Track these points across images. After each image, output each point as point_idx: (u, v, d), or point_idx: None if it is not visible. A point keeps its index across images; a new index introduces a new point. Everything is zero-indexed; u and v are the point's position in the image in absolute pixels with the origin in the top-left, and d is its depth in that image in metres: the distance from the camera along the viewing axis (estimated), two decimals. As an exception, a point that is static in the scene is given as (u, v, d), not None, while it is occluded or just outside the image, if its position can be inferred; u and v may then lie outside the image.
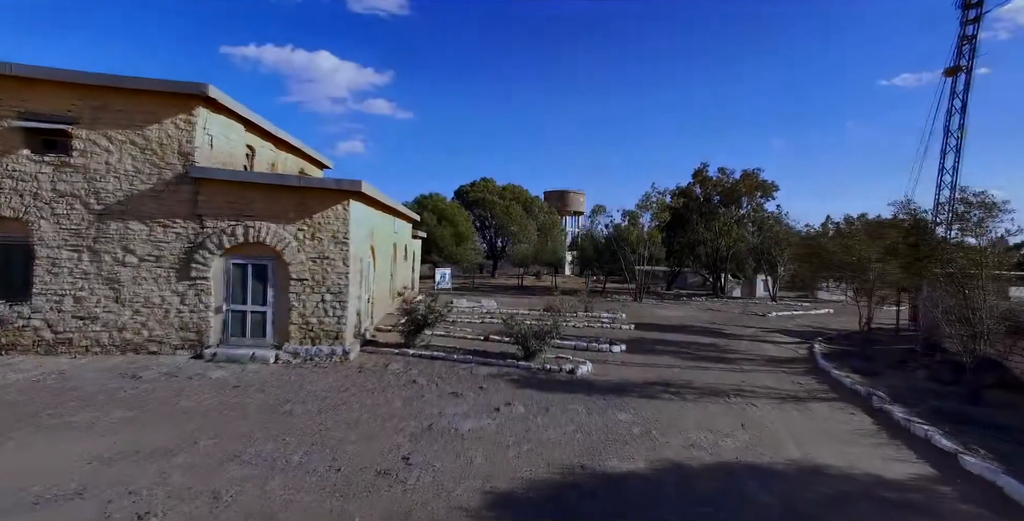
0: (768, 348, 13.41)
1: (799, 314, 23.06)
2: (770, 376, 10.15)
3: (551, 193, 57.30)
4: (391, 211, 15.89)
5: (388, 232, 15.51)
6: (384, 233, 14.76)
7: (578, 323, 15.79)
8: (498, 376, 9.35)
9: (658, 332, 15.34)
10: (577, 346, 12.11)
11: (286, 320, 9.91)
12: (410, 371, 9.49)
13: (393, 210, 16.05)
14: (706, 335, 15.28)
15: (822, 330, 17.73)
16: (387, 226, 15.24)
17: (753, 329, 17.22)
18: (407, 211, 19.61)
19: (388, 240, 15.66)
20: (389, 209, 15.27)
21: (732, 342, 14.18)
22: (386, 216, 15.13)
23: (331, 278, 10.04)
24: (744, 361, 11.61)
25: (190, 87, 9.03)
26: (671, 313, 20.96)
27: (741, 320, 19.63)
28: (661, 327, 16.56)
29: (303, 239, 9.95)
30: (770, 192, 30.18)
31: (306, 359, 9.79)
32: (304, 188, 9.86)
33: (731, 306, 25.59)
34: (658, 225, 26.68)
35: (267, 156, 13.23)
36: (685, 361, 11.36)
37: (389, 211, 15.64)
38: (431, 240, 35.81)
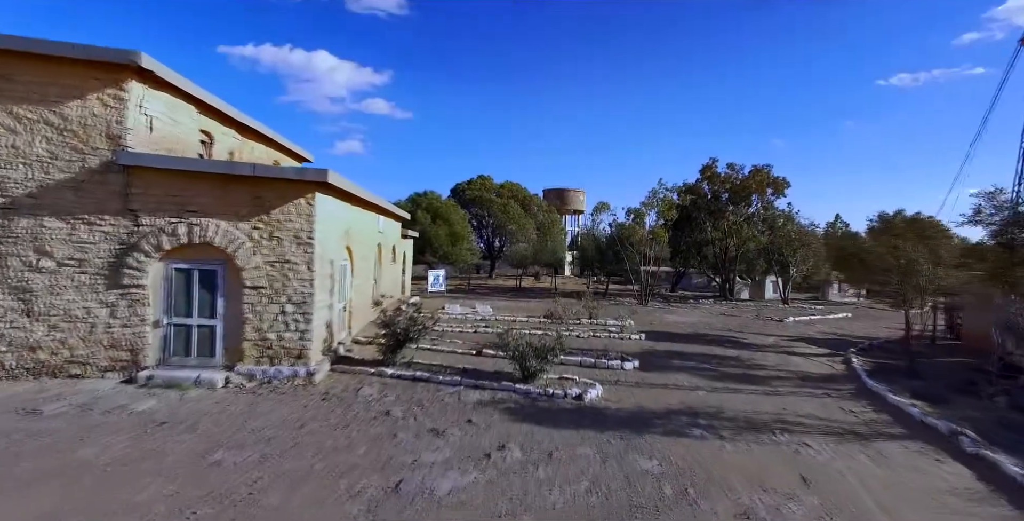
0: (798, 362, 11.85)
1: (817, 319, 21.53)
2: (813, 401, 8.59)
3: (550, 191, 55.74)
4: (374, 208, 14.31)
5: (370, 231, 13.93)
6: (365, 232, 13.18)
7: (582, 332, 14.22)
8: (491, 404, 7.79)
9: (671, 342, 13.78)
10: (583, 362, 10.55)
11: (239, 336, 8.34)
12: (385, 398, 7.92)
13: (377, 207, 14.47)
14: (724, 345, 13.73)
15: (848, 338, 16.20)
16: (369, 224, 13.67)
17: (774, 337, 15.67)
18: (395, 209, 18.03)
19: (370, 240, 14.08)
20: (372, 206, 13.70)
21: (756, 354, 12.62)
22: (368, 213, 13.55)
23: (293, 285, 8.47)
24: (776, 379, 10.05)
25: (116, 55, 7.44)
26: (681, 318, 19.41)
27: (757, 326, 18.09)
28: (673, 336, 15.00)
29: (259, 239, 8.38)
30: (781, 189, 28.65)
31: (262, 382, 8.22)
32: (259, 179, 8.28)
33: (743, 310, 24.04)
34: (664, 224, 25.14)
35: (230, 145, 11.65)
36: (709, 380, 9.81)
37: (372, 208, 14.06)
38: (425, 240, 34.23)
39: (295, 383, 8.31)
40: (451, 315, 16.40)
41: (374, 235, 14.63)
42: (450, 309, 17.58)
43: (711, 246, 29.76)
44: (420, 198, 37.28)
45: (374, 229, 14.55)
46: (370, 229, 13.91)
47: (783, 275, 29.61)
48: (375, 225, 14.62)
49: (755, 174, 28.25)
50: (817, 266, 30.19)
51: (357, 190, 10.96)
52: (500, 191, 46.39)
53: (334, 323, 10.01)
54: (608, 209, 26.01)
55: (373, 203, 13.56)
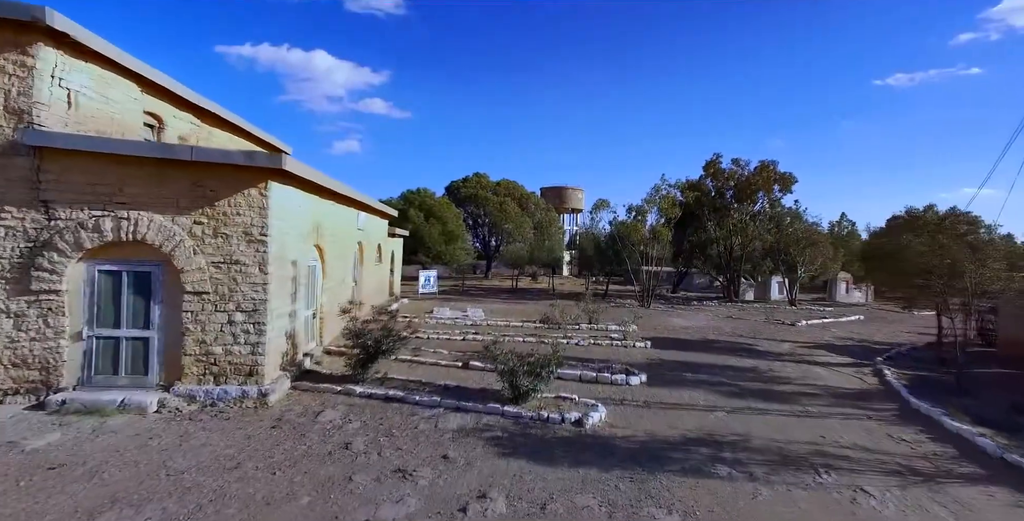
0: (823, 374, 10.61)
1: (830, 322, 20.30)
2: (853, 425, 7.34)
3: (548, 189, 54.51)
4: (354, 204, 13.04)
5: (348, 228, 12.65)
6: (342, 229, 11.91)
7: (581, 339, 12.96)
8: (473, 432, 6.53)
9: (680, 351, 12.53)
10: (583, 376, 9.29)
11: (178, 350, 7.06)
12: (348, 424, 6.65)
13: (357, 203, 13.20)
14: (738, 354, 12.48)
15: (868, 344, 14.98)
16: (346, 221, 12.39)
17: (789, 344, 14.43)
18: (380, 205, 16.76)
19: (348, 238, 12.80)
20: (350, 201, 12.42)
21: (774, 365, 11.38)
22: (345, 209, 12.27)
23: (242, 290, 7.19)
24: (803, 396, 8.81)
25: (12, 10, 6.14)
26: (687, 323, 18.17)
27: (769, 331, 16.85)
28: (681, 343, 13.74)
29: (202, 236, 7.10)
30: (789, 185, 27.41)
31: (205, 405, 6.94)
32: (201, 165, 6.99)
33: (750, 312, 22.81)
34: (667, 221, 23.88)
35: (185, 131, 10.35)
36: (727, 398, 8.55)
37: (351, 203, 12.78)
38: (417, 239, 32.96)
39: (244, 405, 7.03)
40: (439, 320, 15.13)
41: (353, 233, 13.35)
42: (439, 313, 16.31)
43: (715, 245, 28.52)
44: (413, 196, 36.01)
45: (353, 226, 13.27)
46: (348, 226, 12.63)
47: (790, 276, 28.39)
48: (354, 222, 13.34)
49: (761, 170, 27.03)
50: (825, 266, 29.03)
51: (329, 182, 9.69)
52: (496, 189, 45.13)
53: (299, 333, 8.74)
54: (608, 206, 24.78)
55: (352, 198, 12.28)
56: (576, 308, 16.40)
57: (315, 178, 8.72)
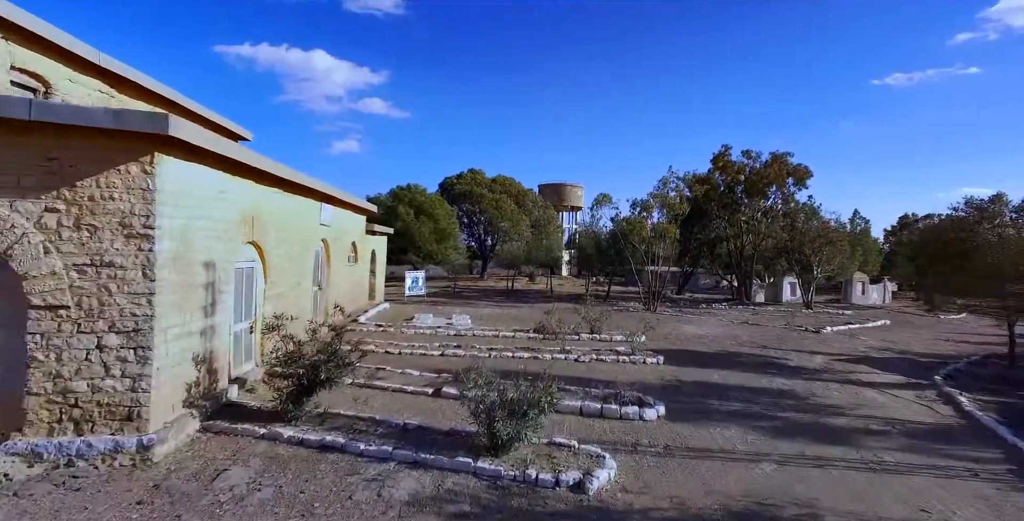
0: (880, 400, 8.65)
1: (856, 328, 18.36)
2: (958, 487, 5.39)
3: (546, 186, 52.55)
4: (314, 194, 11.09)
5: (306, 223, 10.70)
6: (296, 225, 9.95)
7: (582, 353, 11.01)
8: (431, 504, 4.60)
9: (698, 367, 10.58)
10: (585, 409, 7.33)
11: (18, 388, 5.10)
12: (256, 493, 4.71)
13: (319, 194, 11.25)
14: (767, 371, 10.54)
15: (913, 357, 13.05)
16: (302, 215, 10.44)
17: (821, 356, 12.49)
18: (354, 199, 14.80)
19: (307, 235, 10.84)
20: (308, 191, 10.48)
21: (813, 386, 9.44)
22: (302, 200, 10.33)
23: (119, 304, 5.23)
24: (867, 434, 6.86)
25: None
26: (700, 330, 16.22)
27: (793, 340, 14.91)
28: (698, 357, 11.80)
29: (58, 229, 5.14)
30: (804, 179, 25.44)
31: (57, 466, 4.98)
32: (51, 129, 5.03)
33: (766, 317, 20.86)
34: (675, 218, 21.92)
35: (88, 99, 8.38)
36: (771, 438, 6.61)
37: (312, 194, 10.84)
38: (407, 238, 31.03)
39: (115, 464, 5.08)
40: (418, 329, 13.16)
41: (314, 229, 11.40)
42: (419, 320, 14.35)
43: (725, 244, 26.61)
44: (403, 192, 34.05)
45: (314, 221, 11.32)
46: (305, 221, 10.68)
47: (805, 276, 26.45)
48: (315, 216, 11.39)
49: (774, 162, 25.06)
50: (843, 266, 27.11)
51: (268, 164, 7.75)
52: (492, 186, 43.17)
53: (218, 355, 6.78)
54: (610, 202, 22.81)
55: (311, 188, 10.33)
56: (576, 314, 14.45)
57: (240, 156, 6.77)
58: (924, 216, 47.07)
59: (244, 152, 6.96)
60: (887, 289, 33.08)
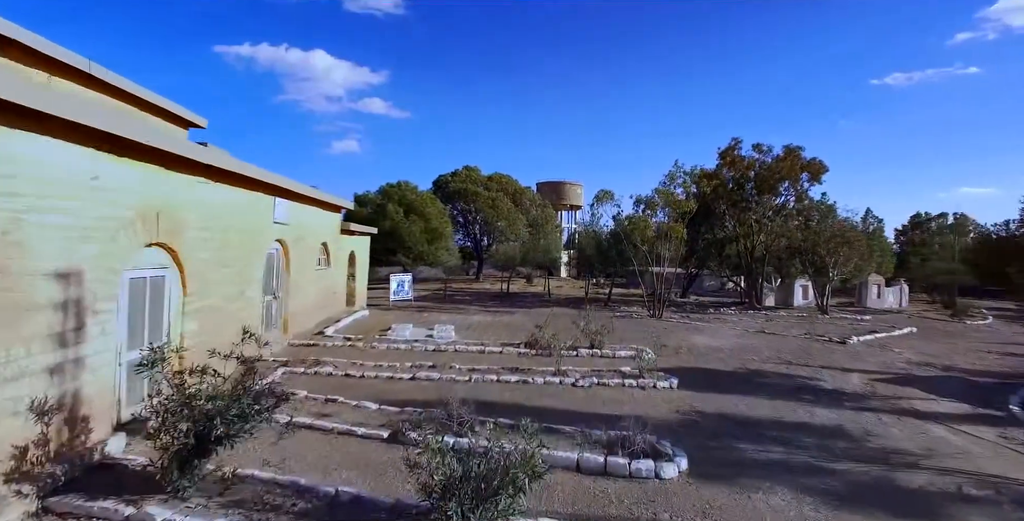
0: (954, 441, 6.92)
1: (883, 337, 16.66)
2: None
3: (544, 185, 50.83)
4: (265, 188, 9.38)
5: (251, 222, 8.98)
6: (233, 223, 8.23)
7: (581, 375, 9.30)
8: None
9: (719, 392, 8.86)
10: (584, 463, 5.60)
11: None
12: None
13: (272, 187, 9.55)
14: (801, 397, 8.82)
15: (960, 374, 11.35)
16: (246, 211, 8.72)
17: (856, 375, 10.79)
18: (322, 194, 13.10)
19: (253, 235, 9.11)
20: (255, 183, 8.77)
21: (865, 418, 7.72)
22: (244, 194, 8.62)
23: None
24: (964, 503, 5.13)
25: None
26: (713, 340, 14.51)
27: (818, 353, 13.20)
28: (716, 378, 10.10)
29: None
30: (819, 174, 23.71)
31: None
32: None
33: (781, 324, 19.16)
34: (681, 216, 20.17)
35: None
36: (833, 508, 4.89)
37: (260, 187, 9.13)
38: (396, 238, 29.32)
39: None
40: (391, 344, 11.43)
41: (264, 228, 9.68)
42: (396, 332, 12.63)
43: (735, 244, 24.90)
44: (392, 190, 32.31)
45: (263, 219, 9.60)
46: (250, 218, 8.96)
47: (819, 279, 24.73)
48: (266, 213, 9.67)
49: (788, 156, 23.33)
50: (860, 268, 25.40)
51: (182, 146, 6.05)
52: (488, 184, 41.45)
53: (90, 399, 5.05)
54: (611, 199, 21.07)
55: (256, 179, 8.63)
56: (575, 326, 12.72)
57: (126, 132, 5.05)
58: (938, 215, 45.56)
59: (131, 126, 5.25)
60: (903, 292, 31.35)
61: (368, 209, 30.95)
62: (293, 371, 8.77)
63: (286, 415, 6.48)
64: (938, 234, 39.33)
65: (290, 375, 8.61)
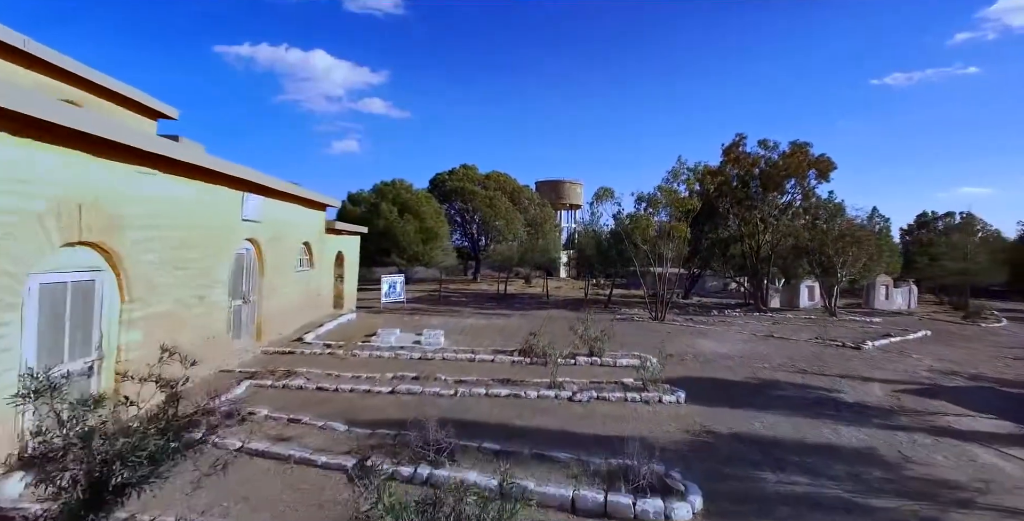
0: (1007, 470, 6.03)
1: (897, 341, 15.81)
2: None
3: (544, 183, 49.99)
4: (231, 182, 8.53)
5: (215, 220, 8.12)
6: (191, 221, 7.38)
7: (579, 387, 8.46)
8: None
9: (732, 408, 8.00)
10: (580, 502, 4.73)
11: None
12: None
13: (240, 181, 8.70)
14: (824, 413, 7.96)
15: (989, 383, 10.49)
16: (208, 207, 7.86)
17: (879, 385, 9.93)
18: (301, 190, 12.25)
19: (216, 234, 8.26)
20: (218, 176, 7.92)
21: (900, 441, 6.86)
22: (207, 187, 7.76)
23: None
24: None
25: None
26: (720, 346, 13.65)
27: (834, 360, 12.34)
28: (727, 390, 9.25)
29: None
30: (827, 172, 22.85)
31: None
32: None
33: (790, 327, 18.31)
34: (685, 215, 19.31)
35: None
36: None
37: (224, 181, 8.28)
38: (390, 238, 28.48)
39: None
40: (374, 352, 10.57)
41: (231, 226, 8.83)
42: (381, 338, 11.76)
43: (739, 244, 24.05)
44: (387, 188, 31.44)
45: (231, 216, 8.74)
46: (213, 215, 8.10)
47: (827, 279, 23.88)
48: (233, 210, 8.81)
49: (795, 152, 22.47)
50: (869, 268, 24.55)
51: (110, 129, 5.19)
52: (486, 182, 40.65)
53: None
54: (612, 197, 20.19)
55: (217, 172, 7.77)
56: (573, 331, 11.87)
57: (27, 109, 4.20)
58: (944, 214, 44.65)
59: (38, 103, 4.39)
60: (912, 293, 30.49)
61: (361, 208, 30.10)
62: (260, 384, 7.91)
63: (238, 440, 5.63)
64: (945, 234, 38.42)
65: (256, 389, 7.76)
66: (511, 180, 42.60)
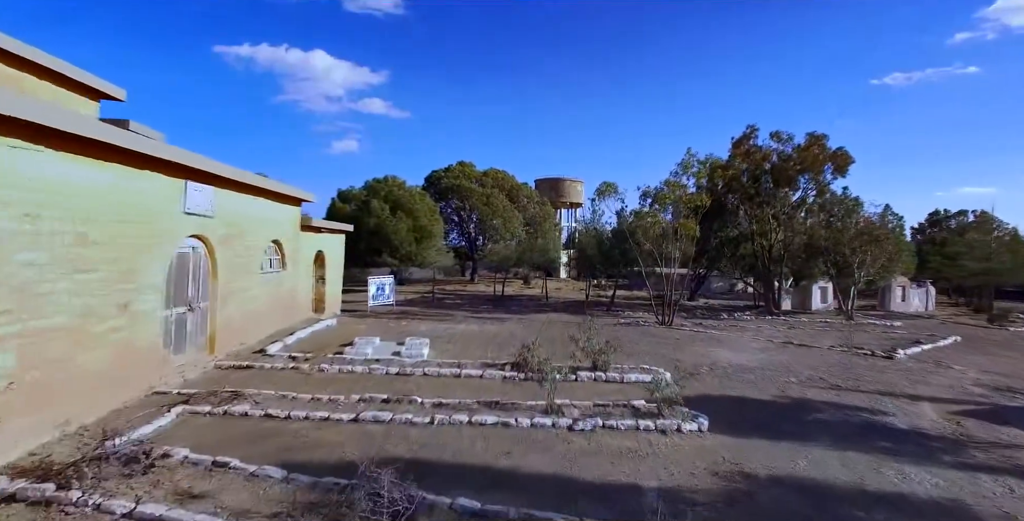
0: None
1: (929, 349, 14.44)
2: None
3: (543, 181, 48.60)
4: (166, 168, 7.16)
5: (143, 212, 6.73)
6: (101, 214, 6.00)
7: (581, 412, 7.09)
8: None
9: (765, 438, 6.63)
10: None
11: None
12: None
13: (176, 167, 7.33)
14: (877, 446, 6.59)
15: (1053, 402, 9.10)
16: (133, 195, 6.47)
17: (929, 405, 8.55)
18: (266, 181, 10.90)
19: (144, 228, 6.87)
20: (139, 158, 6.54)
21: (984, 485, 5.49)
22: (129, 172, 6.38)
23: None
24: None
25: None
26: (737, 355, 12.28)
27: (867, 372, 10.97)
28: (752, 410, 7.89)
29: None
30: (845, 166, 21.43)
31: None
32: None
33: (808, 332, 16.95)
34: (694, 211, 17.93)
35: None
36: None
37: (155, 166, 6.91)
38: (381, 237, 27.13)
39: None
40: (345, 365, 9.18)
41: (169, 220, 7.45)
42: (357, 348, 10.39)
43: (750, 243, 22.67)
44: (378, 185, 30.09)
45: (166, 209, 7.37)
46: (139, 206, 6.72)
47: (843, 280, 22.50)
48: (171, 201, 7.44)
49: (812, 144, 21.07)
50: (888, 269, 23.16)
51: None
52: (483, 179, 39.29)
53: None
54: (615, 192, 18.80)
55: (146, 155, 6.40)
56: (573, 338, 10.50)
57: None
58: (957, 212, 43.24)
59: None
60: (930, 294, 29.08)
61: (351, 206, 28.76)
62: (195, 411, 6.54)
63: (130, 500, 4.26)
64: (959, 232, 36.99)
65: (188, 417, 6.38)
66: (509, 177, 41.24)
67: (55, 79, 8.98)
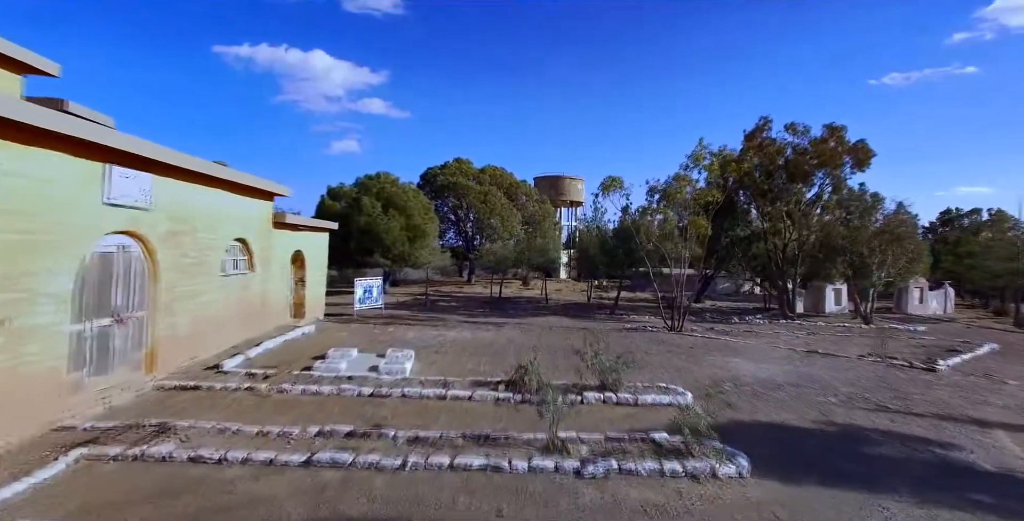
0: None
1: (968, 358, 13.09)
2: None
3: (543, 179, 47.21)
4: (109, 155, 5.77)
5: (39, 205, 5.32)
6: None
7: (590, 450, 5.72)
8: None
9: (821, 485, 5.27)
10: None
11: None
12: None
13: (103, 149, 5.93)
14: (965, 495, 5.24)
15: None
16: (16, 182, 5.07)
17: (1005, 434, 7.21)
18: (227, 171, 9.52)
19: (47, 224, 5.46)
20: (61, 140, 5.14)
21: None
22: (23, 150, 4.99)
23: None
24: None
25: None
26: (758, 367, 10.91)
27: (911, 388, 9.63)
28: (796, 443, 6.53)
29: None
30: (866, 160, 20.05)
31: None
32: None
33: (830, 338, 15.60)
34: (705, 208, 16.57)
35: None
36: None
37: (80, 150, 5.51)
38: (373, 236, 25.71)
39: None
40: (311, 386, 7.77)
41: (82, 212, 6.05)
42: (330, 362, 8.99)
43: (763, 242, 21.31)
44: (370, 181, 28.64)
45: (78, 199, 5.97)
46: (31, 197, 5.33)
47: (861, 282, 21.14)
48: (87, 190, 6.05)
49: (829, 136, 19.69)
50: (908, 269, 21.80)
51: None
52: (480, 177, 37.93)
53: None
54: (620, 187, 17.39)
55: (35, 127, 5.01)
56: (578, 356, 9.12)
57: None
58: (971, 210, 41.91)
59: None
60: (948, 296, 27.74)
61: (342, 203, 27.34)
62: (100, 454, 5.15)
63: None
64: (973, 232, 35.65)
65: (87, 463, 5.00)
66: (507, 175, 39.87)
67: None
